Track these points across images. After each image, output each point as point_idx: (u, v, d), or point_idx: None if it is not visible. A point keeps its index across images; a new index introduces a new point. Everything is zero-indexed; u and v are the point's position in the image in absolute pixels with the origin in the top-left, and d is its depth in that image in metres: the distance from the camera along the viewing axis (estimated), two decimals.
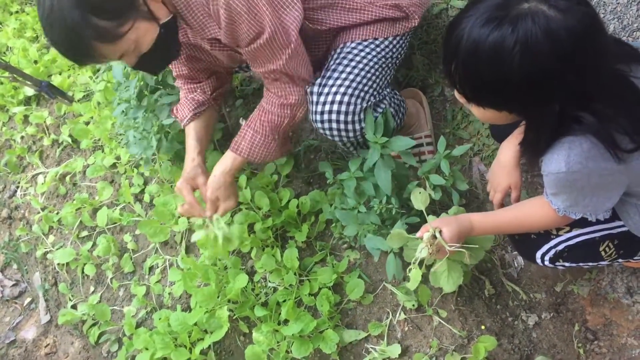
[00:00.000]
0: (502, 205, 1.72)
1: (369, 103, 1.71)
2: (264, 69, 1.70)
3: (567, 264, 1.56)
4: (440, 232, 1.45)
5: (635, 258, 1.52)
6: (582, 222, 1.38)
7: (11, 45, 3.11)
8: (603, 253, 1.48)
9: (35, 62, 2.91)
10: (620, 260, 1.53)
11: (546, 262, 1.56)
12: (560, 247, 1.51)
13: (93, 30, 1.43)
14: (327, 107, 1.70)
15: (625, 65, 1.17)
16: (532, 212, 1.43)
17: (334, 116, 1.70)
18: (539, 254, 1.55)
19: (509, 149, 1.57)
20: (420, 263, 1.50)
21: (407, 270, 1.55)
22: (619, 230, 1.43)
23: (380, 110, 1.75)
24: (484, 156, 2.05)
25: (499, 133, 1.74)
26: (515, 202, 1.65)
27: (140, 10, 1.50)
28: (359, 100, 1.69)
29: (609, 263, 1.54)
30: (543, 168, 1.21)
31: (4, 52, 3.17)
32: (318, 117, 1.73)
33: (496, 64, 1.05)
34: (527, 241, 1.56)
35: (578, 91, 1.07)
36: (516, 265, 1.89)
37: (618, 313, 1.76)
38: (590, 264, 1.56)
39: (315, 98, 1.73)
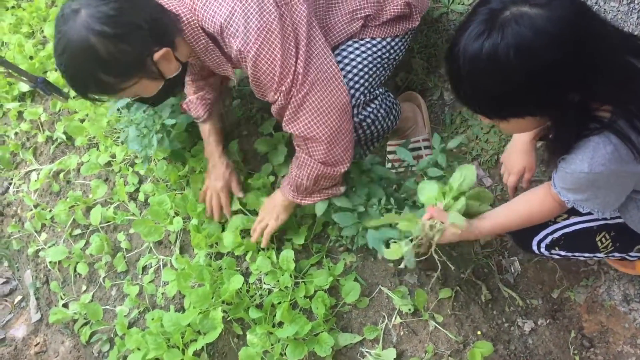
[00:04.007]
0: (516, 188, 1.74)
1: (359, 101, 1.70)
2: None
3: (562, 253, 1.55)
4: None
5: (631, 254, 1.52)
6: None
7: (7, 40, 3.07)
8: (599, 244, 1.48)
9: (31, 57, 2.88)
10: (616, 254, 1.52)
11: (542, 250, 1.56)
12: (557, 235, 1.51)
13: (96, 84, 1.53)
14: None
15: (637, 60, 1.16)
16: (536, 208, 1.43)
17: None
18: (535, 241, 1.55)
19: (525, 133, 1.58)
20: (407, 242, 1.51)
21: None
22: (616, 221, 1.44)
23: (369, 109, 1.74)
24: (482, 161, 2.05)
25: None
26: (527, 185, 1.69)
27: (148, 70, 1.56)
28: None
29: (604, 256, 1.54)
30: (563, 165, 1.21)
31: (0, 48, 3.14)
32: None
33: (498, 73, 1.08)
34: (523, 228, 1.56)
35: (588, 81, 1.07)
36: (513, 270, 1.88)
37: (614, 321, 1.76)
38: (587, 255, 1.56)
39: None
